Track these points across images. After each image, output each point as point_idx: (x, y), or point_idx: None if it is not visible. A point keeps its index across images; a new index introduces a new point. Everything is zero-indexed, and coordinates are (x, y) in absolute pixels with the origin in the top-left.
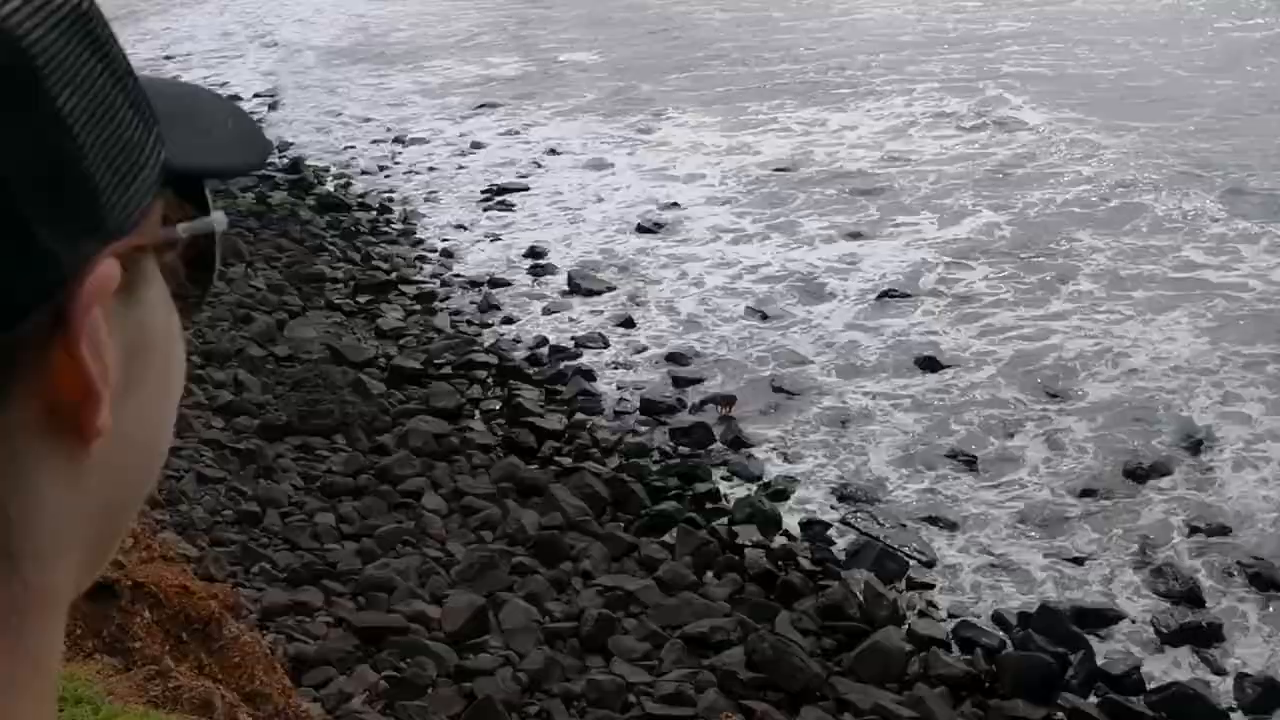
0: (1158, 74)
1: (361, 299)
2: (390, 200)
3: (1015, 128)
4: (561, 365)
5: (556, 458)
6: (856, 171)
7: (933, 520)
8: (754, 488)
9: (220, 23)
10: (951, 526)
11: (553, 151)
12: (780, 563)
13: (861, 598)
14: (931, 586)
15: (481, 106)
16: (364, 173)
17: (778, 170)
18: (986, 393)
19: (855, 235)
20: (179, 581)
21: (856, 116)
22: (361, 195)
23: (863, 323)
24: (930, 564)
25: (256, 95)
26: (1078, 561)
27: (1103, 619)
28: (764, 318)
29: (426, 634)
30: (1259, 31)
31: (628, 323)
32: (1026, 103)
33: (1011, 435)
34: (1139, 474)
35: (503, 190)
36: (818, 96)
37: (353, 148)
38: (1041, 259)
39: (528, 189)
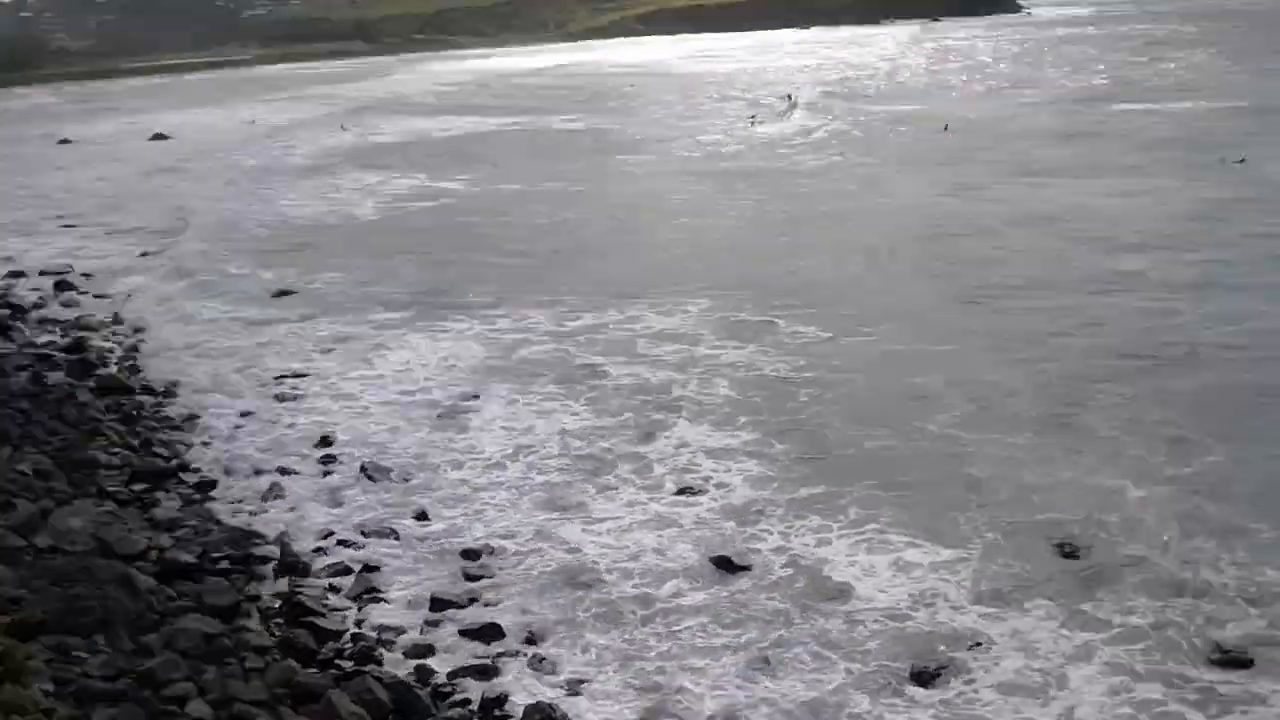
0: None
1: (137, 487)
2: (176, 385)
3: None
4: (347, 559)
5: (338, 660)
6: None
7: None
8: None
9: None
10: None
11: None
12: None
13: None
14: None
15: (281, 293)
16: (150, 355)
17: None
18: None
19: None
20: None
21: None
22: (146, 378)
23: (662, 522)
24: None
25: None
26: None
27: None
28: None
29: None
30: None
31: (421, 515)
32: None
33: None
34: None
35: (293, 375)
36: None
37: (142, 330)
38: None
39: (309, 375)
